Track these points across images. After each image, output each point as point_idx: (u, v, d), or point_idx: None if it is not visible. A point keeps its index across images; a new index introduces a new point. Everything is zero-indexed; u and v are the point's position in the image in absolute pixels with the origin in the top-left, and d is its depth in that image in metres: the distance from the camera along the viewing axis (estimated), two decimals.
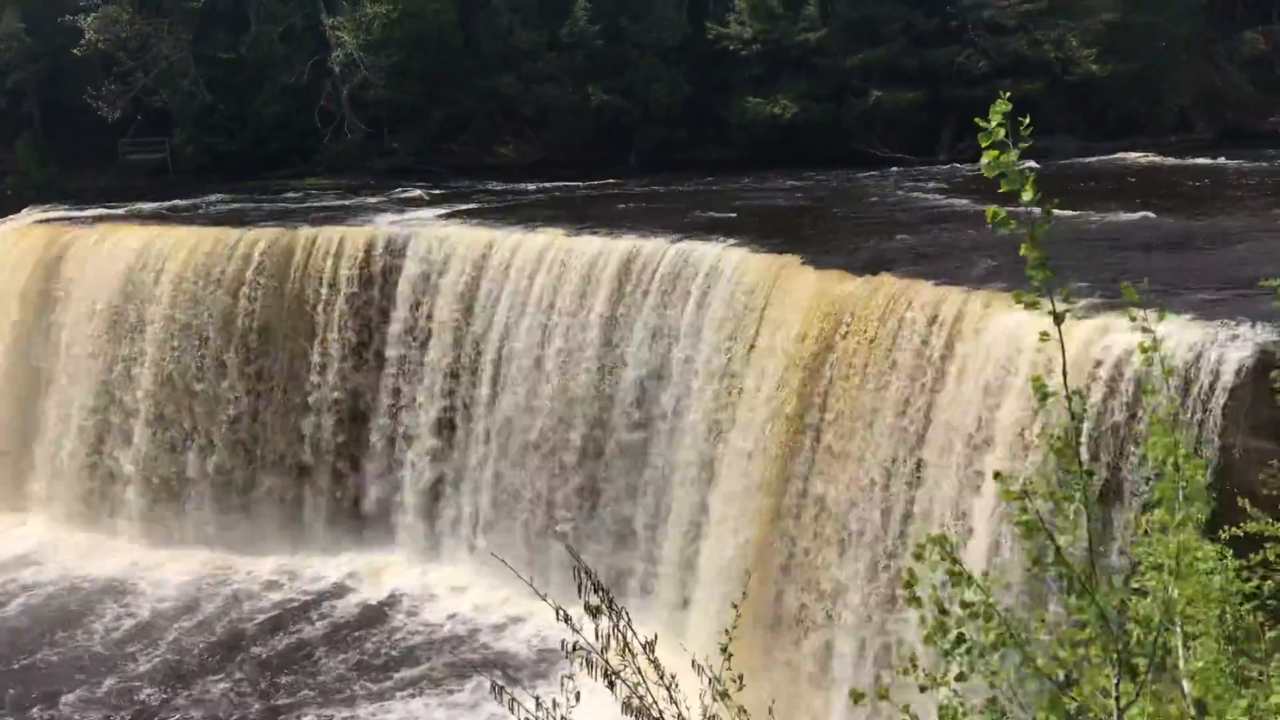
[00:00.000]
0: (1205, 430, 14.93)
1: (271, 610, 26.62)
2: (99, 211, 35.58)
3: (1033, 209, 4.45)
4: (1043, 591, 13.82)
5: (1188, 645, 5.74)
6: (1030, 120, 4.65)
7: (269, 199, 38.91)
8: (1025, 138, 4.52)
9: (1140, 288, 4.87)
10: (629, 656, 5.48)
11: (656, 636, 5.79)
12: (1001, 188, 4.54)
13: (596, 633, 5.56)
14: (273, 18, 48.14)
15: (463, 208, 34.59)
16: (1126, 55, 46.43)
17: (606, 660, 5.47)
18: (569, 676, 5.55)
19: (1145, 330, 5.18)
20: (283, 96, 47.85)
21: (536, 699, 5.67)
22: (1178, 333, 15.47)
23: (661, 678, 5.51)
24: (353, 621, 26.08)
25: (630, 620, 5.55)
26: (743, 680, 5.82)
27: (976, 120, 4.52)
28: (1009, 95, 4.65)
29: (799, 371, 21.48)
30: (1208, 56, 52.16)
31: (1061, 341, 4.81)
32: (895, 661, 18.18)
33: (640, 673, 5.49)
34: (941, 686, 5.05)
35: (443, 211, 33.82)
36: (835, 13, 47.05)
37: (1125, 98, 47.93)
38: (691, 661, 5.87)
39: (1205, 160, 40.60)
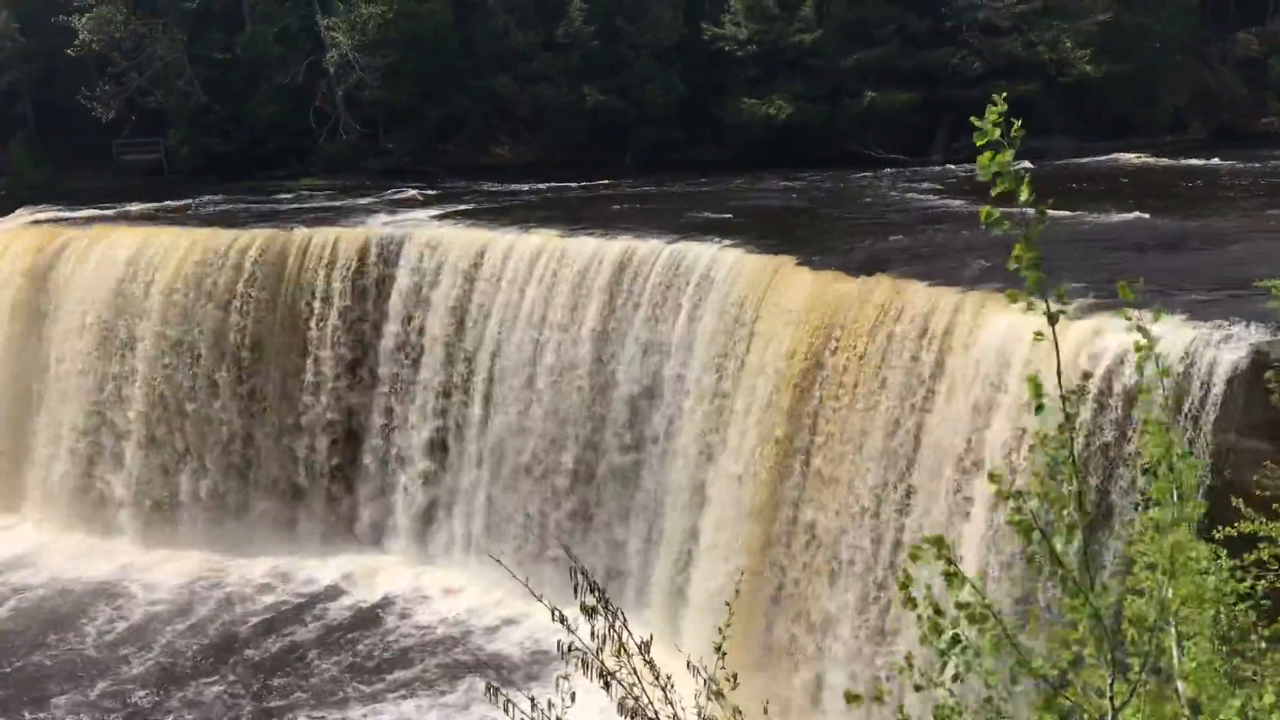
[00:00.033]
0: (1200, 430, 14.92)
1: (264, 613, 26.57)
2: (91, 213, 35.33)
3: (1027, 210, 4.45)
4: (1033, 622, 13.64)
5: (1182, 645, 5.74)
6: (1025, 121, 4.65)
7: (263, 200, 38.78)
8: (1017, 138, 4.51)
9: (1136, 288, 4.86)
10: (624, 657, 5.47)
11: (652, 637, 5.78)
12: (996, 187, 4.54)
13: (593, 634, 5.56)
14: (268, 18, 48.09)
15: (457, 209, 34.48)
16: (1121, 56, 46.50)
17: (602, 660, 5.46)
18: (564, 677, 5.54)
19: (1141, 330, 5.17)
20: (278, 97, 47.79)
21: (532, 700, 5.66)
22: (1172, 333, 15.45)
23: (657, 678, 5.51)
24: (346, 624, 26.05)
25: (626, 620, 5.55)
26: (737, 679, 5.82)
27: (972, 120, 4.51)
28: (1004, 96, 4.65)
29: (789, 391, 21.19)
30: (1201, 57, 52.26)
31: (1056, 342, 4.80)
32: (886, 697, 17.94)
33: (636, 673, 5.48)
34: (938, 687, 5.05)
35: (437, 212, 33.68)
36: (830, 14, 47.10)
37: (1120, 98, 48.01)
38: (687, 663, 5.86)
39: (1199, 161, 40.69)
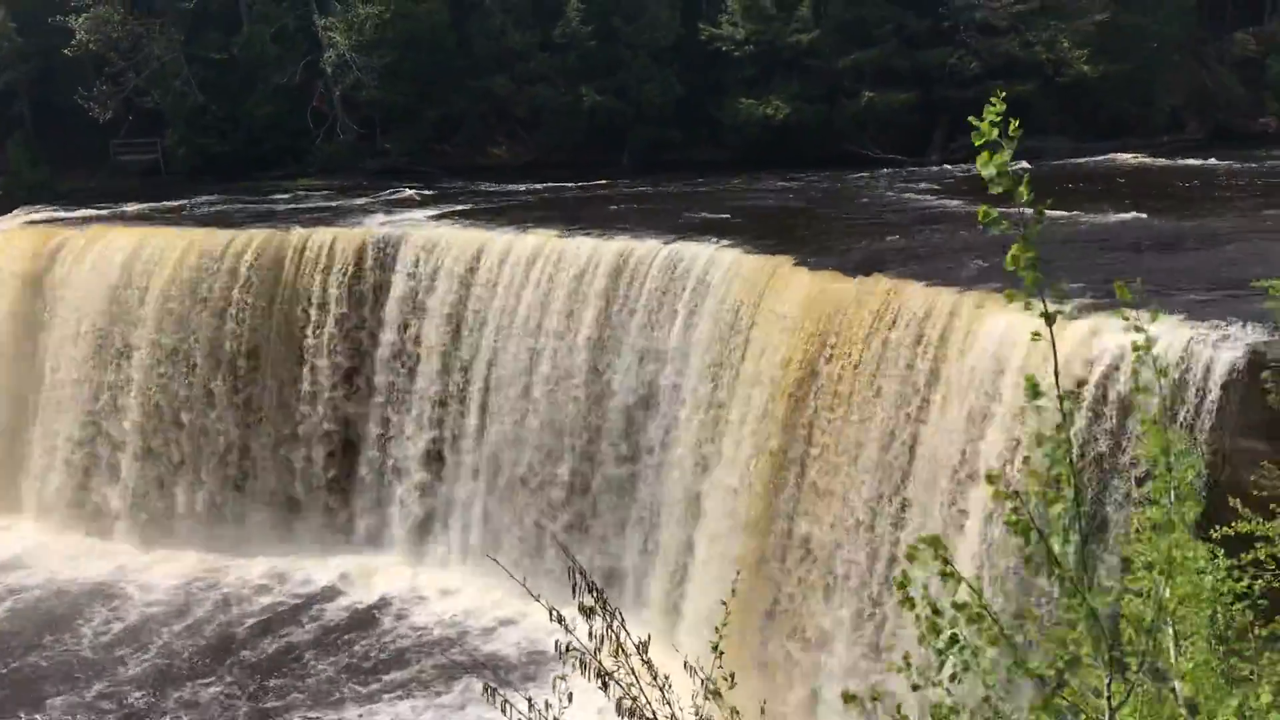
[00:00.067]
0: (1196, 431, 14.92)
1: (261, 614, 26.54)
2: (87, 213, 35.22)
3: (1024, 209, 4.44)
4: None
5: (1179, 645, 5.75)
6: (1021, 121, 4.65)
7: (259, 200, 38.73)
8: (1013, 137, 4.51)
9: (1134, 288, 4.85)
10: (622, 657, 5.47)
11: (650, 637, 5.77)
12: (994, 186, 4.53)
13: (590, 634, 5.55)
14: (265, 18, 48.06)
15: (454, 209, 34.42)
16: (1118, 56, 46.55)
17: (600, 660, 5.45)
18: (562, 677, 5.54)
19: (1139, 330, 5.17)
20: (275, 97, 47.75)
21: (529, 700, 5.66)
22: (1169, 333, 15.44)
23: (655, 678, 5.50)
24: (342, 625, 26.03)
25: (624, 620, 5.54)
26: (734, 679, 5.81)
27: (971, 119, 4.51)
28: (1003, 96, 4.65)
29: (784, 401, 21.03)
30: (1198, 57, 52.31)
31: (1053, 341, 4.80)
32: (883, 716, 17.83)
33: (634, 673, 5.47)
34: (935, 687, 5.04)
35: (434, 213, 33.62)
36: (827, 14, 47.14)
37: (1117, 98, 48.06)
38: (684, 663, 5.86)
39: (1196, 161, 40.74)
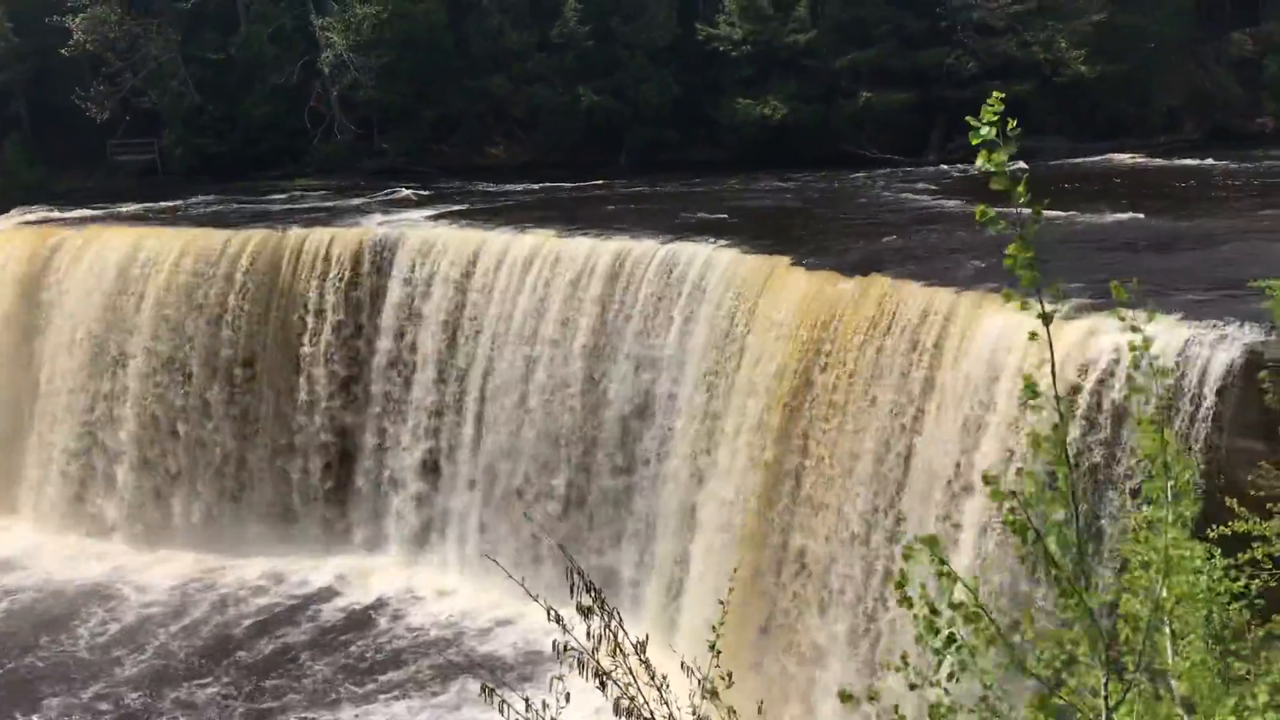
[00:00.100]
0: (1193, 430, 14.93)
1: (258, 615, 26.49)
2: (83, 213, 35.11)
3: (1022, 209, 4.45)
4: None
5: (1176, 644, 5.75)
6: (1019, 122, 4.65)
7: (257, 200, 38.68)
8: (1011, 137, 4.51)
9: (1130, 288, 4.86)
10: (620, 657, 5.47)
11: (648, 637, 5.77)
12: (991, 185, 4.54)
13: (588, 634, 5.55)
14: (262, 18, 48.00)
15: (451, 209, 34.36)
16: (1115, 56, 46.57)
17: (597, 660, 5.45)
18: (559, 677, 5.54)
19: (1135, 330, 5.17)
20: (272, 97, 47.71)
21: (526, 700, 5.66)
22: (1166, 333, 15.44)
23: (652, 678, 5.50)
24: (339, 625, 25.99)
25: (622, 620, 5.54)
26: (731, 678, 5.81)
27: (969, 119, 4.52)
28: (1001, 96, 4.65)
29: (779, 411, 20.89)
30: (1196, 58, 52.33)
31: (1050, 341, 4.81)
32: None
33: (631, 673, 5.47)
34: (933, 687, 5.05)
35: (431, 213, 33.55)
36: (825, 14, 47.14)
37: (1114, 99, 48.08)
38: (681, 663, 5.86)
39: (1193, 161, 40.74)
